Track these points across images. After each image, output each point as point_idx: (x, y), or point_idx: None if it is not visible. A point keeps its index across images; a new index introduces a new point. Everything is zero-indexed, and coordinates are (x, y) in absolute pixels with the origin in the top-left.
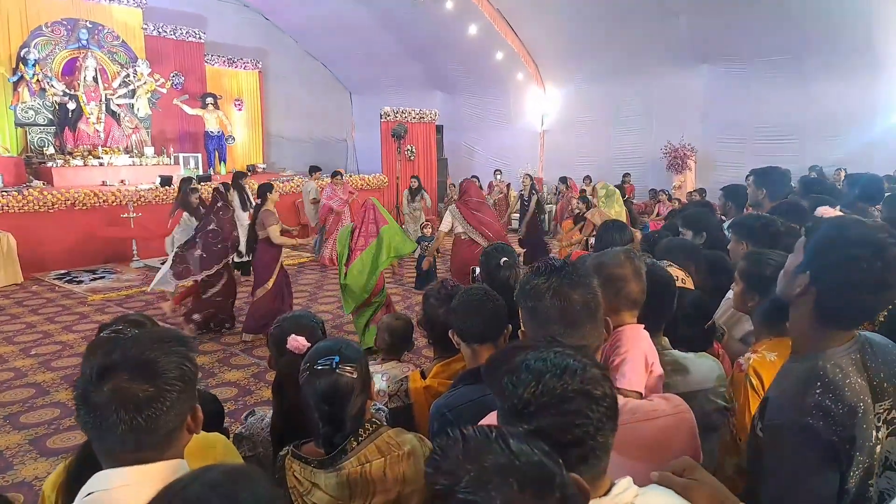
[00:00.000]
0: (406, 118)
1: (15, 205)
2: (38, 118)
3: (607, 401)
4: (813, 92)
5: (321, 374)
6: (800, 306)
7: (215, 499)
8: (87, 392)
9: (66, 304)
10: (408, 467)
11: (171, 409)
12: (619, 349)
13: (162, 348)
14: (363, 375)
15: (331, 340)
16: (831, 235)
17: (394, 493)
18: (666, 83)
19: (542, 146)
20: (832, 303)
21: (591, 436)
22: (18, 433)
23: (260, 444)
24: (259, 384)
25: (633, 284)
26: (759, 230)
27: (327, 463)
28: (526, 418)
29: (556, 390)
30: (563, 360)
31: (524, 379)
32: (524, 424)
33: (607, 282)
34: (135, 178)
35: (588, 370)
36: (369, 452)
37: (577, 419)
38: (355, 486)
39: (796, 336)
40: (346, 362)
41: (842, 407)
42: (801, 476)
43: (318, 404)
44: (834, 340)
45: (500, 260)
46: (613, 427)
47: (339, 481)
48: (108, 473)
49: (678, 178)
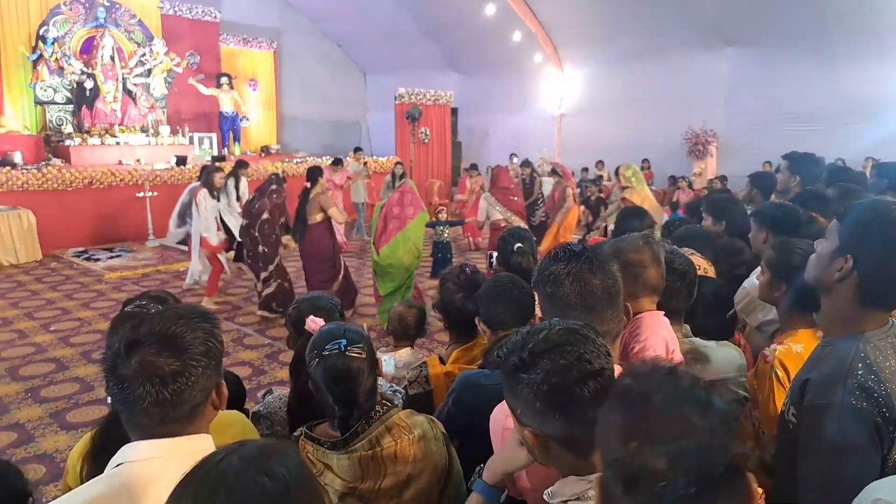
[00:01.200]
0: (421, 100)
1: (35, 182)
2: (57, 97)
3: (598, 340)
4: (840, 76)
5: (330, 358)
6: (838, 291)
7: (251, 471)
8: (116, 364)
9: (84, 282)
10: (418, 449)
11: (196, 384)
12: (638, 336)
13: (188, 324)
14: (370, 356)
15: (332, 325)
16: (868, 218)
17: (404, 475)
18: (688, 66)
19: (558, 130)
20: (875, 284)
21: (587, 363)
22: (40, 406)
23: (278, 423)
24: (273, 364)
25: (652, 270)
26: (781, 219)
27: (339, 444)
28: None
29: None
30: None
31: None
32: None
33: (626, 267)
34: (150, 157)
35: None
36: (380, 434)
37: (573, 358)
38: (367, 468)
39: (832, 320)
40: (352, 344)
41: (884, 388)
42: (844, 457)
43: (329, 388)
44: (873, 323)
45: (514, 245)
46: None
47: (351, 463)
48: (137, 445)
49: (699, 165)
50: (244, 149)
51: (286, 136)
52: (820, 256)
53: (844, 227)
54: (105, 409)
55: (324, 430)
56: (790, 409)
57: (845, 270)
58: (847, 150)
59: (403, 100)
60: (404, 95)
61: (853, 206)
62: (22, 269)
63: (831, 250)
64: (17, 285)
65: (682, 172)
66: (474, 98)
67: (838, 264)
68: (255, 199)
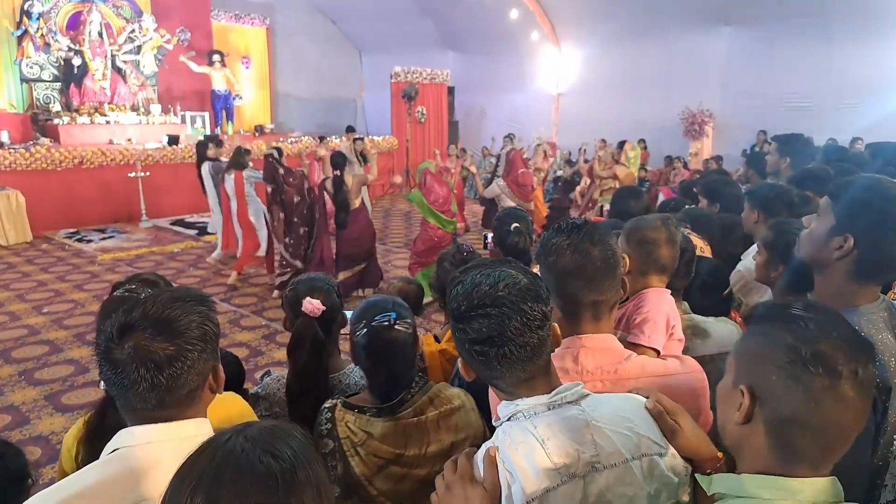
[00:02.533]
0: (417, 78)
1: (23, 162)
2: (44, 74)
3: (531, 314)
4: (838, 57)
5: (380, 330)
6: (834, 267)
7: (257, 452)
8: (109, 349)
9: (77, 263)
10: (459, 418)
11: (192, 369)
12: (641, 309)
13: (183, 307)
14: (414, 330)
15: (379, 297)
16: (867, 196)
17: (447, 443)
18: (686, 46)
19: (556, 110)
20: (873, 261)
21: (508, 337)
22: (34, 389)
23: (276, 403)
24: (269, 345)
25: (665, 250)
26: (773, 199)
27: (386, 411)
28: (460, 320)
29: (484, 296)
30: (501, 275)
31: (465, 286)
32: (459, 326)
33: (639, 244)
34: (142, 136)
35: (519, 285)
36: (424, 404)
37: (494, 322)
38: (411, 435)
39: (827, 296)
40: (401, 319)
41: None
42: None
43: (376, 360)
44: (866, 297)
45: (510, 225)
46: (537, 335)
47: (396, 430)
48: (133, 430)
49: (695, 145)
50: (237, 128)
51: (280, 115)
52: (815, 234)
53: (841, 206)
54: (101, 392)
55: (363, 398)
56: None
57: (846, 249)
58: (843, 130)
59: (399, 78)
60: (400, 74)
61: (848, 185)
62: (12, 250)
63: (828, 228)
64: (8, 267)
65: (678, 152)
66: (471, 77)
67: (837, 242)
68: (276, 192)
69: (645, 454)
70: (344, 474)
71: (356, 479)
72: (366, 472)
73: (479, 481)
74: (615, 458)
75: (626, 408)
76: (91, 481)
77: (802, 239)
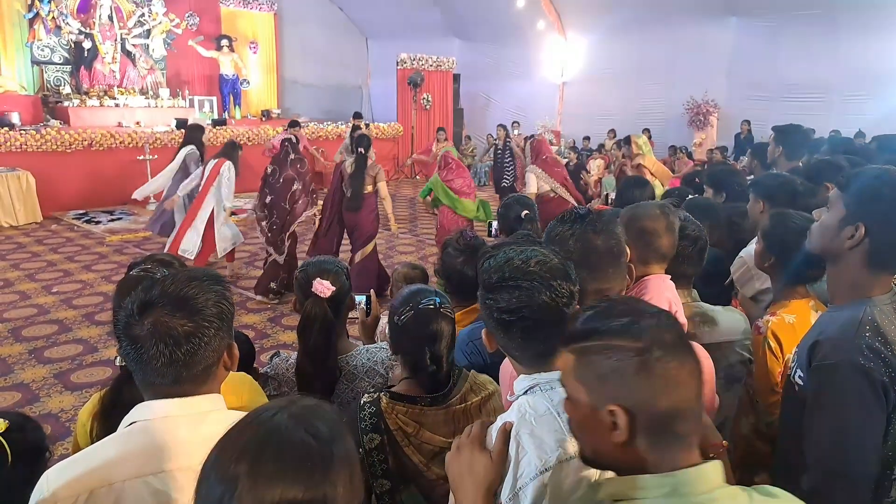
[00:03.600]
0: (423, 66)
1: (33, 144)
2: (54, 56)
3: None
4: (845, 49)
5: (427, 312)
6: (847, 258)
7: (300, 428)
8: (129, 325)
9: (85, 244)
10: (497, 403)
11: (209, 345)
12: (643, 296)
13: (200, 286)
14: (454, 315)
15: (420, 286)
16: (877, 185)
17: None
18: (692, 36)
19: (560, 99)
20: (886, 249)
21: (534, 311)
22: (44, 367)
23: (285, 384)
24: (275, 328)
25: (665, 238)
26: (778, 189)
27: (440, 399)
28: (490, 290)
29: (516, 269)
30: (533, 253)
31: (497, 259)
32: (488, 296)
33: (640, 234)
34: (150, 120)
35: (550, 263)
36: (466, 391)
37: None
38: (459, 422)
39: (840, 287)
40: (445, 303)
41: (890, 350)
42: (852, 413)
43: (422, 342)
44: (879, 288)
45: (520, 213)
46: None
47: (447, 418)
48: (151, 405)
49: (699, 136)
50: (245, 112)
51: (287, 101)
52: (825, 226)
53: (851, 196)
54: (109, 371)
55: (407, 388)
56: (797, 372)
57: (857, 238)
58: (849, 123)
59: (405, 65)
60: (406, 61)
61: (857, 175)
62: (22, 230)
63: (839, 218)
64: (18, 247)
65: (682, 142)
66: (477, 65)
67: (848, 232)
68: (276, 172)
69: None
70: (397, 466)
71: (413, 468)
72: (422, 460)
73: (488, 450)
74: None
75: None
76: (112, 452)
77: (813, 231)
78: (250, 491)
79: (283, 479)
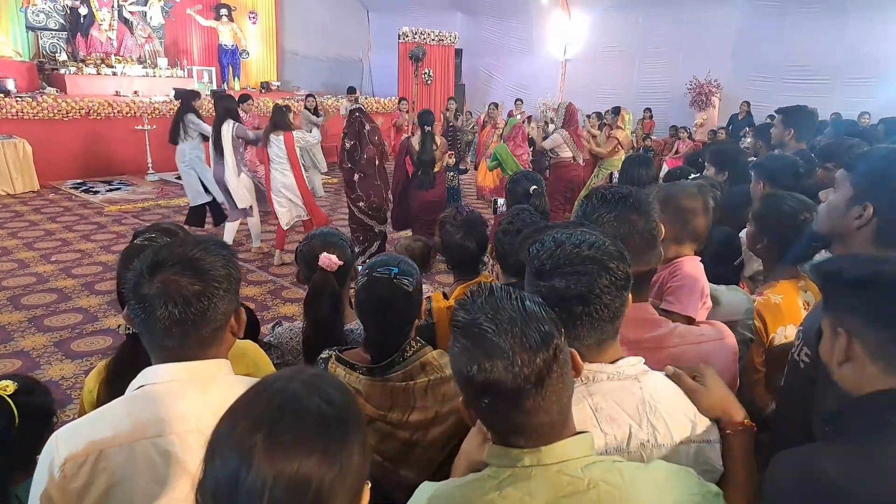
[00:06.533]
0: (425, 40)
1: (29, 111)
2: (50, 22)
3: (617, 272)
4: (851, 32)
5: (379, 281)
6: (855, 237)
7: (314, 396)
8: (139, 284)
9: (84, 214)
10: (448, 389)
11: (217, 307)
12: (677, 276)
13: (207, 249)
14: (417, 291)
15: (390, 255)
16: (883, 166)
17: (431, 412)
18: (697, 14)
19: (562, 76)
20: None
21: (596, 295)
22: (43, 335)
23: (288, 352)
24: (275, 300)
25: (701, 218)
26: (779, 171)
27: (376, 371)
28: (543, 277)
29: (570, 255)
30: (584, 236)
31: (546, 245)
32: (541, 283)
33: (677, 212)
34: (148, 89)
35: (605, 246)
36: (415, 369)
37: (583, 279)
38: (397, 398)
39: None
40: (403, 275)
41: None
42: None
43: (370, 310)
44: None
45: (529, 188)
46: (620, 297)
47: (383, 392)
48: (157, 368)
49: (701, 116)
50: (244, 84)
51: (286, 73)
52: (833, 206)
53: (858, 176)
54: (110, 340)
55: (356, 354)
56: (802, 349)
57: (865, 217)
58: (853, 106)
59: (407, 39)
60: (408, 35)
61: (864, 156)
62: (19, 199)
63: (846, 199)
64: (15, 215)
65: (684, 122)
66: (479, 40)
67: (856, 212)
68: (357, 147)
69: (695, 441)
70: None
71: None
72: None
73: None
74: (666, 440)
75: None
76: (120, 414)
77: (821, 211)
78: (268, 461)
79: (301, 448)
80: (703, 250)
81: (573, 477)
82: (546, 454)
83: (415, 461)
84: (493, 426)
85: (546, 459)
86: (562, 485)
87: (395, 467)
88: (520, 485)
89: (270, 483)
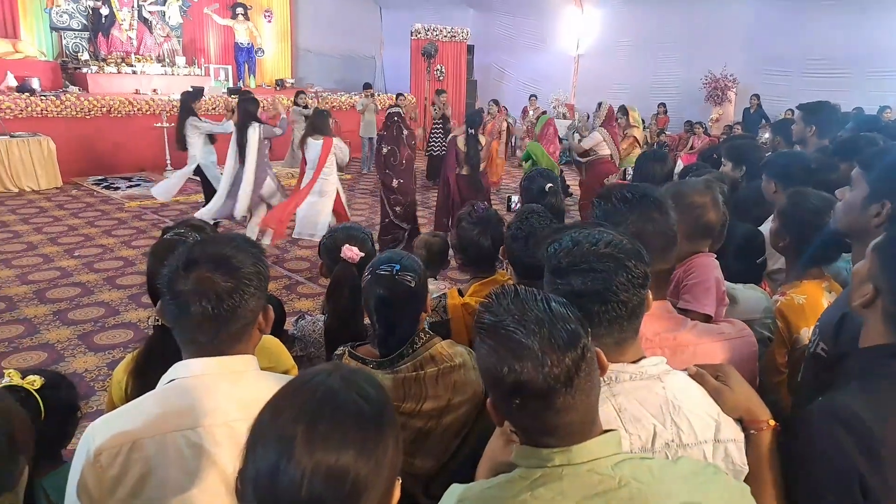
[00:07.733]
0: (437, 36)
1: (53, 109)
2: (73, 23)
3: (635, 270)
4: (868, 26)
5: (382, 278)
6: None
7: (352, 391)
8: (174, 280)
9: (105, 210)
10: (459, 377)
11: (247, 304)
12: (692, 274)
13: (238, 247)
14: (420, 286)
15: (393, 252)
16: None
17: (444, 400)
18: (711, 8)
19: (575, 71)
20: None
21: (613, 293)
22: (67, 328)
23: (311, 345)
24: (291, 296)
25: (713, 214)
26: (788, 168)
27: (386, 364)
28: (561, 275)
29: (587, 252)
30: (601, 234)
31: (564, 244)
32: (559, 281)
33: (687, 210)
34: (167, 87)
35: (623, 244)
36: (425, 360)
37: (599, 276)
38: (409, 389)
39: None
40: (405, 271)
41: None
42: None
43: (375, 307)
44: None
45: (545, 185)
46: (638, 295)
47: (395, 383)
48: (188, 363)
49: (716, 111)
50: (259, 81)
51: (301, 70)
52: (850, 204)
53: (874, 174)
54: (131, 333)
55: (367, 350)
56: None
57: (885, 214)
58: (872, 100)
59: (419, 36)
60: (420, 31)
61: (880, 154)
62: (43, 195)
63: (863, 196)
64: (40, 211)
65: (698, 118)
66: (491, 36)
67: (875, 209)
68: (395, 152)
69: (719, 440)
70: None
71: None
72: None
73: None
74: (690, 440)
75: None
76: (153, 407)
77: (838, 210)
78: (308, 452)
79: (341, 441)
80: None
81: (604, 475)
82: (576, 453)
83: (429, 450)
84: (523, 426)
85: (576, 458)
86: (593, 483)
87: (410, 458)
88: (551, 485)
89: (309, 474)
